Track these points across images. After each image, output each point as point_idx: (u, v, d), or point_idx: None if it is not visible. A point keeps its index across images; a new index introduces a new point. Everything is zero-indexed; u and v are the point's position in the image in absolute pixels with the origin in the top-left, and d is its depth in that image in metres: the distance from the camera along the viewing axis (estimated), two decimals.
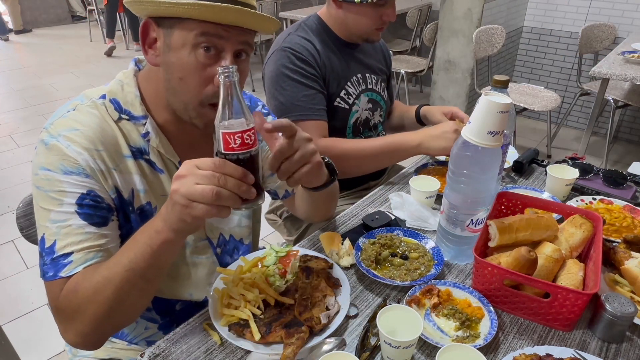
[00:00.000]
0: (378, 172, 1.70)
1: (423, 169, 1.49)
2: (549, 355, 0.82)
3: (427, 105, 1.67)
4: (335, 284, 0.98)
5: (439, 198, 1.26)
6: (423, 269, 1.04)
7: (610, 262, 1.03)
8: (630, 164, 1.66)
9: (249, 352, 0.84)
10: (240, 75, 0.84)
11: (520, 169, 1.47)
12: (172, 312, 1.07)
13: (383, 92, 1.66)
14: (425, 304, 0.94)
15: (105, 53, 6.68)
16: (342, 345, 0.85)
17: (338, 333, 0.89)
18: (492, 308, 0.92)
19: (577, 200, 1.29)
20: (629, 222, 1.20)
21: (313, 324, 0.86)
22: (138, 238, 0.78)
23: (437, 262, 1.06)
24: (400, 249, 1.10)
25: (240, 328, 0.85)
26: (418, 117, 1.67)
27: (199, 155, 0.74)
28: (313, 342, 0.84)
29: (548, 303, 0.89)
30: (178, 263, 1.02)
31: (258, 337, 0.82)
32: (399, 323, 0.82)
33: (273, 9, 5.07)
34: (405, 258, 1.07)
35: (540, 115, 4.39)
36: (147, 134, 0.91)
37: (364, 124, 1.60)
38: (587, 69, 3.42)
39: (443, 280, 1.00)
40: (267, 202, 1.00)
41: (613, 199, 1.29)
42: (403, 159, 1.49)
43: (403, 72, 4.35)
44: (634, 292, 0.95)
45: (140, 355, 0.85)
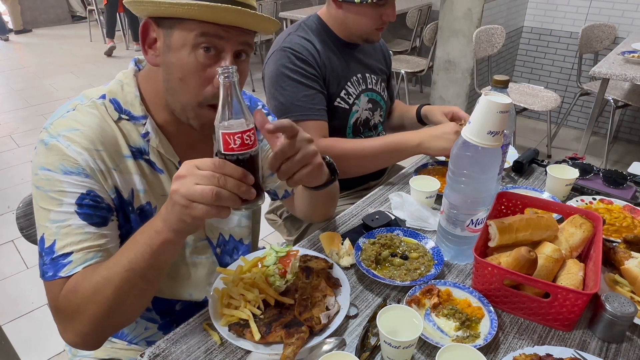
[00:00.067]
0: (378, 172, 1.70)
1: (423, 169, 1.49)
2: (549, 355, 0.82)
3: (427, 105, 1.67)
4: (335, 284, 0.98)
5: (439, 198, 1.26)
6: (423, 269, 1.04)
7: (610, 262, 1.03)
8: (630, 164, 1.66)
9: (249, 352, 0.84)
10: (240, 76, 0.84)
11: (520, 169, 1.47)
12: (172, 312, 1.07)
13: (383, 92, 1.66)
14: (425, 304, 0.94)
15: (105, 53, 6.68)
16: (342, 345, 0.85)
17: (338, 333, 0.89)
18: (492, 308, 0.92)
19: (577, 200, 1.29)
20: (629, 222, 1.20)
21: (313, 324, 0.86)
22: (138, 238, 0.78)
23: (437, 262, 1.06)
24: (400, 249, 1.10)
25: (240, 328, 0.85)
26: (419, 116, 1.67)
27: (199, 156, 0.75)
28: (313, 342, 0.84)
29: (548, 303, 0.89)
30: (178, 263, 1.02)
31: (258, 337, 0.82)
32: (399, 323, 0.82)
33: (273, 9, 5.07)
34: (405, 258, 1.07)
35: (540, 115, 4.39)
36: (146, 134, 0.91)
37: (364, 124, 1.60)
38: (587, 69, 3.42)
39: (443, 280, 1.00)
40: (267, 202, 1.00)
41: (613, 199, 1.29)
42: (403, 159, 1.49)
43: (403, 72, 4.35)
44: (634, 292, 0.95)
45: (140, 355, 0.85)
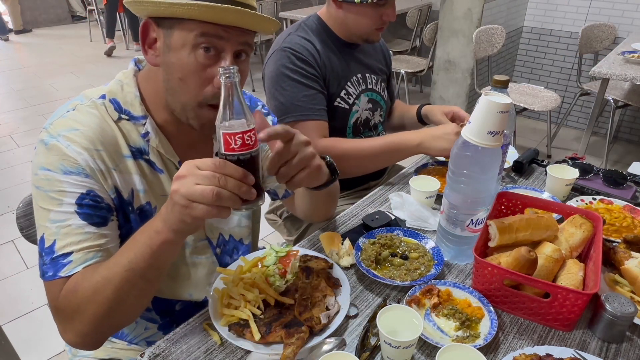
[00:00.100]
0: (378, 172, 1.70)
1: (423, 169, 1.49)
2: (549, 355, 0.82)
3: (428, 105, 1.67)
4: (335, 284, 0.98)
5: (439, 198, 1.26)
6: (423, 269, 1.04)
7: (610, 262, 1.03)
8: (630, 164, 1.66)
9: (249, 352, 0.84)
10: (240, 76, 0.84)
11: (520, 169, 1.47)
12: (172, 312, 1.07)
13: (383, 92, 1.66)
14: (425, 304, 0.94)
15: (105, 53, 6.68)
16: (342, 345, 0.85)
17: (338, 333, 0.89)
18: (492, 308, 0.92)
19: (577, 200, 1.29)
20: (629, 222, 1.20)
21: (313, 324, 0.86)
22: (138, 238, 0.78)
23: (437, 262, 1.06)
24: (400, 249, 1.10)
25: (240, 328, 0.85)
26: (419, 116, 1.67)
27: (199, 156, 0.75)
28: (313, 342, 0.84)
29: (548, 303, 0.89)
30: (178, 263, 1.02)
31: (258, 337, 0.82)
32: (399, 323, 0.82)
33: (273, 9, 5.07)
34: (405, 258, 1.07)
35: (540, 115, 4.39)
36: (146, 134, 0.91)
37: (364, 124, 1.60)
38: (587, 69, 3.42)
39: (443, 280, 1.00)
40: (267, 202, 1.00)
41: (613, 199, 1.29)
42: (403, 159, 1.49)
43: (403, 72, 4.35)
44: (634, 292, 0.95)
45: (140, 355, 0.85)
